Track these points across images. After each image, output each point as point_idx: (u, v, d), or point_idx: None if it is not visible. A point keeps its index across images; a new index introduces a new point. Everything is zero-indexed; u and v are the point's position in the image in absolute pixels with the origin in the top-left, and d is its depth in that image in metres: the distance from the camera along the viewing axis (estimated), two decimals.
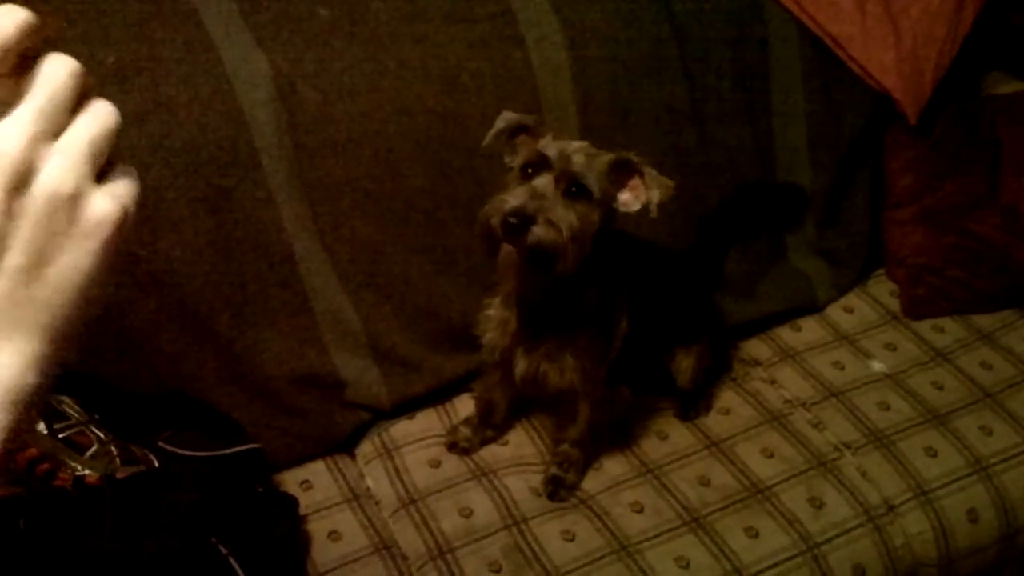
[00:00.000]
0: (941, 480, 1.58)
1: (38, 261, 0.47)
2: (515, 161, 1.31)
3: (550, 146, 1.27)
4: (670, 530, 1.48)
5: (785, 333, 1.89)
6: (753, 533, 1.48)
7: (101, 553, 1.20)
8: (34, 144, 0.45)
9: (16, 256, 0.46)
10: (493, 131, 1.34)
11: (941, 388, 1.75)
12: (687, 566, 1.43)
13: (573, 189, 1.24)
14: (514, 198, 1.21)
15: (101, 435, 1.37)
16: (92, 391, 1.41)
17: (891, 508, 1.54)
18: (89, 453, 1.34)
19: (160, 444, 1.40)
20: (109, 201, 0.48)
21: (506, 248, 1.22)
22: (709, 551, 1.45)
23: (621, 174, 1.29)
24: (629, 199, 1.30)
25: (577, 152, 1.26)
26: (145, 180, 1.24)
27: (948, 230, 1.98)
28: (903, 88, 1.93)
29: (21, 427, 0.48)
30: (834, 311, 1.94)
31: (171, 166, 1.42)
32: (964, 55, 1.97)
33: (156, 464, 1.38)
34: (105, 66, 1.40)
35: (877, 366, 1.80)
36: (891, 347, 1.84)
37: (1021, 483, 1.60)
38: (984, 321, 1.90)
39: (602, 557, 1.44)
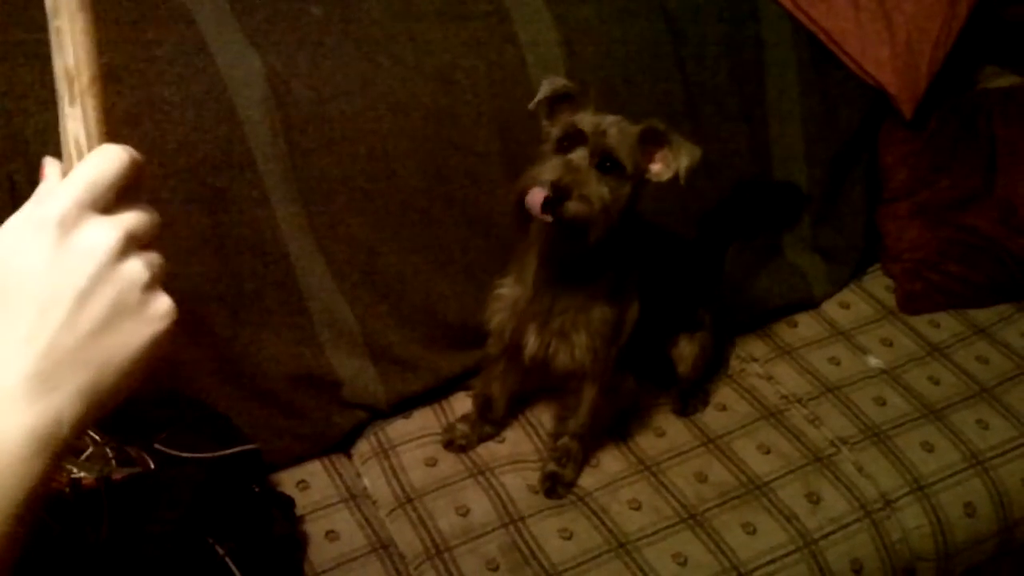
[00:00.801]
0: (938, 475, 1.58)
1: (103, 329, 0.56)
2: (552, 133, 1.33)
3: (585, 120, 1.30)
4: (668, 527, 1.48)
5: (781, 329, 1.89)
6: (751, 529, 1.48)
7: (98, 555, 1.20)
8: (129, 242, 0.58)
9: (90, 321, 0.55)
10: (537, 97, 1.35)
11: (937, 383, 1.75)
12: (685, 563, 1.43)
13: (607, 164, 1.27)
14: (550, 172, 1.24)
15: (96, 437, 1.36)
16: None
17: (888, 503, 1.55)
18: (84, 455, 1.33)
19: (156, 446, 1.40)
20: (169, 303, 0.60)
21: (541, 220, 1.25)
22: (707, 548, 1.45)
23: (650, 144, 1.31)
24: (661, 169, 1.33)
25: (612, 126, 1.28)
26: None
27: (944, 225, 1.99)
28: (898, 83, 1.93)
29: (51, 475, 0.55)
30: (830, 307, 1.94)
31: (165, 166, 1.41)
32: (959, 49, 1.97)
33: (152, 466, 1.38)
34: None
35: (873, 361, 1.80)
36: (887, 342, 1.85)
37: (1018, 477, 1.60)
38: (980, 315, 1.90)
39: (600, 555, 1.44)
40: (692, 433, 1.66)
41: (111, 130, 0.62)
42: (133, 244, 0.58)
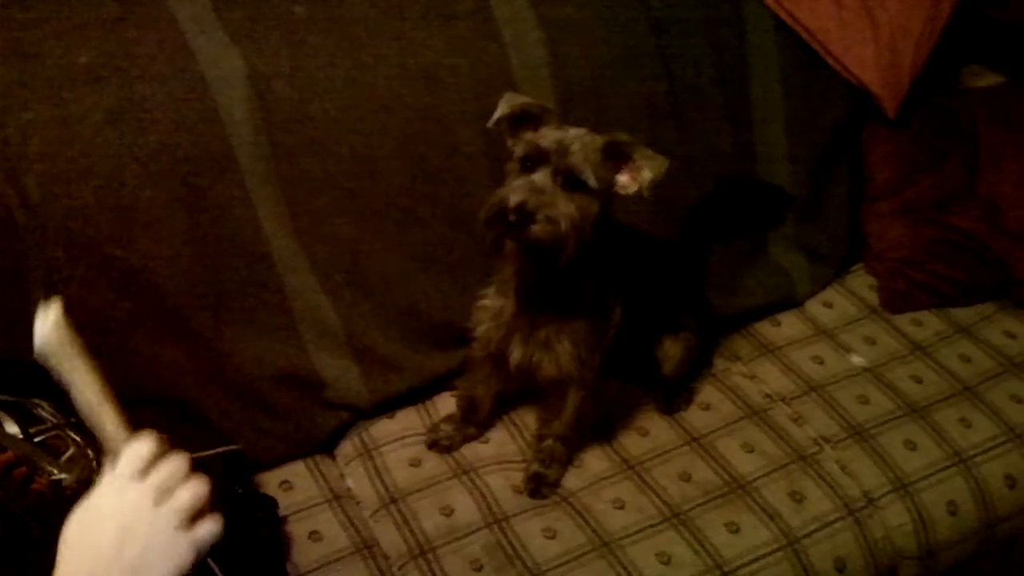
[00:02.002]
0: (921, 473, 1.59)
1: (146, 556, 0.80)
2: (515, 151, 1.31)
3: (547, 138, 1.28)
4: (651, 526, 1.49)
5: (765, 328, 1.89)
6: (734, 528, 1.48)
7: None
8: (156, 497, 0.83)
9: (137, 549, 0.80)
10: (495, 116, 1.34)
11: (920, 381, 1.76)
12: (668, 562, 1.43)
13: (572, 181, 1.25)
14: (514, 194, 1.23)
15: (78, 439, 1.35)
16: (68, 394, 1.40)
17: (871, 501, 1.55)
18: (65, 457, 1.32)
19: None
20: (191, 542, 0.83)
21: (509, 246, 1.25)
22: (690, 546, 1.46)
23: (617, 157, 1.30)
24: (627, 181, 1.32)
25: (574, 142, 1.27)
26: (120, 179, 1.24)
27: (927, 224, 1.99)
28: (881, 82, 1.93)
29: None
30: (813, 306, 1.95)
31: (146, 166, 1.40)
32: (942, 49, 1.98)
33: None
34: (79, 66, 1.38)
35: (856, 360, 1.81)
36: (870, 341, 1.85)
37: (1000, 475, 1.61)
38: (963, 314, 1.91)
39: (583, 554, 1.44)
40: (676, 432, 1.66)
41: (88, 135, 0.71)
42: (166, 492, 0.82)
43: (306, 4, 1.55)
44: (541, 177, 1.25)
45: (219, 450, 1.41)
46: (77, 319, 1.41)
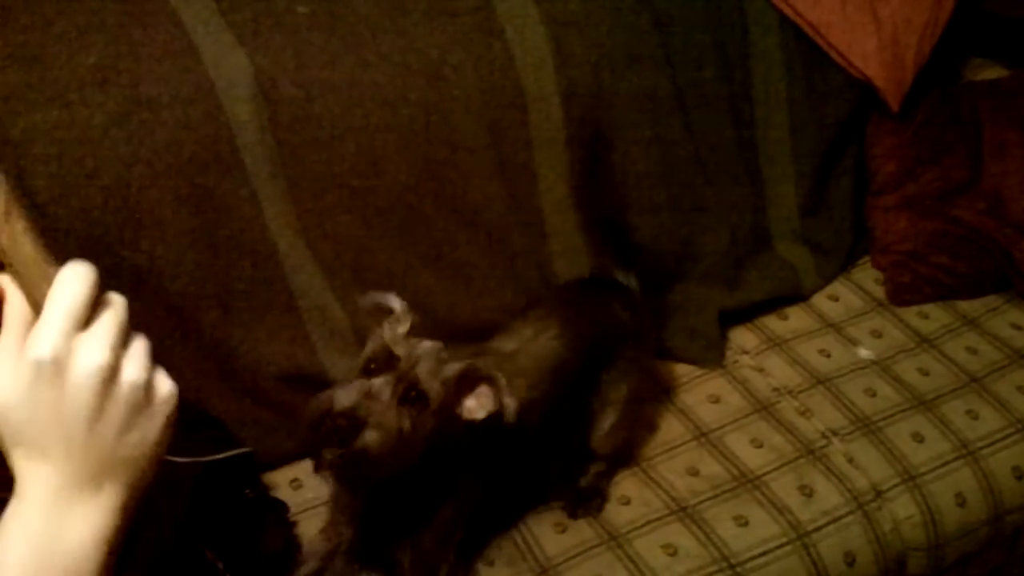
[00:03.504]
0: (928, 465, 1.59)
1: (125, 430, 0.66)
2: (365, 350, 1.22)
3: (400, 343, 1.19)
4: (658, 519, 1.49)
5: (771, 321, 1.89)
6: (743, 522, 1.49)
7: None
8: (118, 351, 0.66)
9: (111, 427, 0.65)
10: (364, 304, 1.28)
11: (927, 374, 1.76)
12: (675, 554, 1.44)
13: (412, 394, 1.15)
14: (343, 397, 1.12)
15: None
16: None
17: (879, 494, 1.55)
18: None
19: None
20: (169, 383, 0.69)
21: (326, 458, 1.12)
22: (697, 539, 1.46)
23: (468, 383, 1.21)
24: (474, 407, 1.21)
25: (425, 356, 1.18)
26: (127, 180, 1.24)
27: (932, 216, 1.99)
28: (884, 75, 1.93)
29: (111, 565, 0.66)
30: (819, 299, 1.94)
31: (152, 165, 1.41)
32: (945, 41, 1.98)
33: None
34: (84, 68, 1.39)
35: (863, 353, 1.81)
36: (877, 334, 1.85)
37: (1008, 466, 1.61)
38: (969, 306, 1.91)
39: (592, 548, 1.45)
40: (684, 427, 1.66)
41: (95, 136, 0.67)
42: (120, 350, 0.66)
43: (309, 3, 1.55)
44: (379, 384, 1.14)
45: (229, 453, 1.42)
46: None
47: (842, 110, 1.97)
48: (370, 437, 1.10)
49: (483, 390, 1.21)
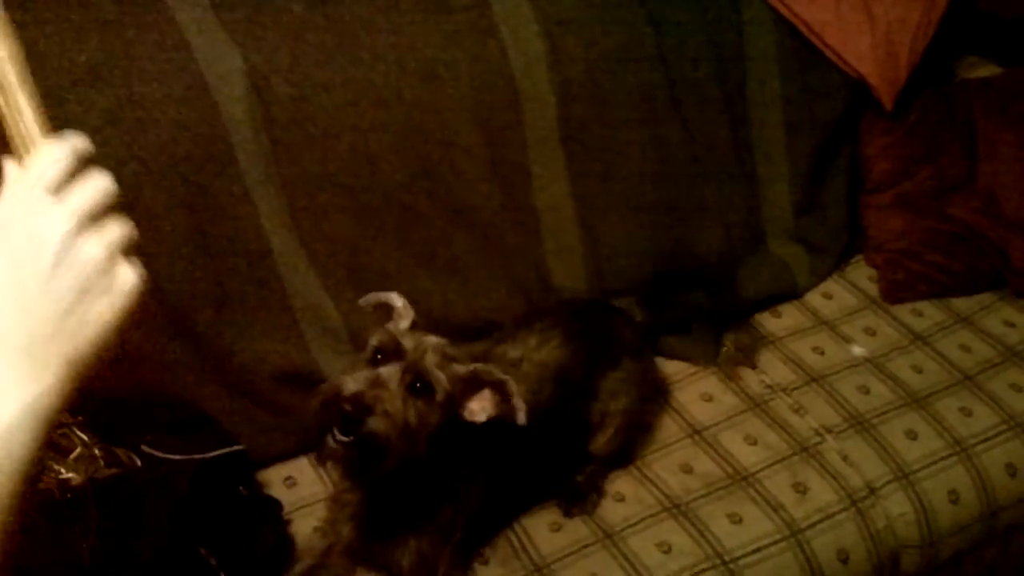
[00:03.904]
0: (922, 462, 1.59)
1: (75, 303, 0.63)
2: (371, 342, 1.22)
3: (407, 336, 1.20)
4: (651, 516, 1.49)
5: (765, 319, 1.89)
6: (737, 519, 1.49)
7: (91, 555, 1.20)
8: (84, 225, 0.64)
9: (60, 297, 0.62)
10: (367, 301, 1.29)
11: (920, 371, 1.76)
12: (669, 551, 1.44)
13: (418, 385, 1.16)
14: (351, 383, 1.13)
15: (85, 438, 1.36)
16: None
17: (873, 491, 1.56)
18: (73, 456, 1.33)
19: (143, 448, 1.39)
20: (134, 275, 0.66)
21: (331, 444, 1.13)
22: (691, 537, 1.46)
23: (473, 385, 1.22)
24: (476, 409, 1.22)
25: (433, 349, 1.19)
26: (120, 178, 1.23)
27: (926, 214, 2.00)
28: (878, 74, 1.94)
29: (44, 446, 0.62)
30: (813, 297, 1.95)
31: (146, 164, 1.41)
32: (939, 40, 1.98)
33: (139, 467, 1.38)
34: (78, 65, 1.39)
35: (857, 351, 1.81)
36: (870, 332, 1.85)
37: (1001, 463, 1.62)
38: (962, 304, 1.91)
39: (587, 546, 1.45)
40: (678, 426, 1.66)
41: (88, 134, 0.69)
42: (87, 225, 0.64)
43: (304, 2, 1.55)
44: (388, 372, 1.16)
45: (223, 451, 1.42)
46: None
47: (836, 109, 1.97)
48: (377, 423, 1.12)
49: (487, 394, 1.22)
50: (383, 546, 1.35)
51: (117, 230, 0.66)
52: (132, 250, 0.67)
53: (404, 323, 1.24)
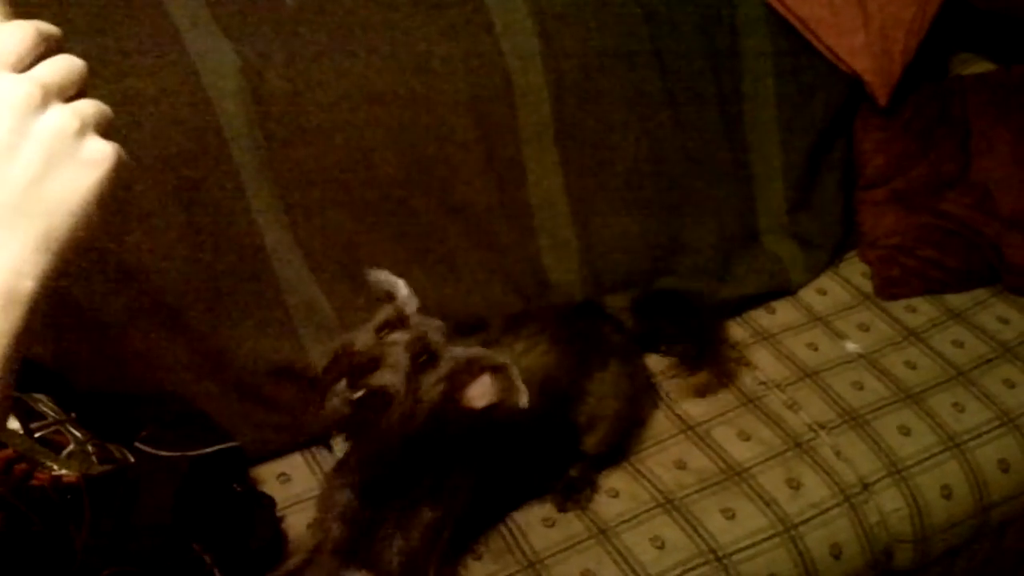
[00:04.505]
0: (915, 458, 1.60)
1: (42, 175, 0.56)
2: (378, 316, 1.24)
3: (414, 315, 1.22)
4: (645, 511, 1.49)
5: (760, 315, 1.89)
6: (730, 514, 1.49)
7: (85, 551, 1.20)
8: (49, 94, 0.56)
9: (25, 166, 0.55)
10: (374, 279, 1.29)
11: (914, 367, 1.76)
12: (662, 547, 1.44)
13: (423, 358, 1.17)
14: (363, 340, 1.16)
15: (78, 434, 1.35)
16: (68, 389, 1.40)
17: (866, 486, 1.56)
18: (66, 452, 1.32)
19: (137, 444, 1.39)
20: (108, 146, 0.58)
21: (336, 398, 1.13)
22: (684, 532, 1.46)
23: (473, 369, 1.22)
24: (475, 395, 1.22)
25: (437, 329, 1.21)
26: None
27: (920, 210, 2.00)
28: (872, 70, 1.94)
29: (22, 338, 0.55)
30: (808, 293, 1.95)
31: (139, 159, 1.40)
32: (933, 36, 1.98)
33: (133, 462, 1.37)
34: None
35: (851, 347, 1.81)
36: (864, 328, 1.86)
37: (994, 459, 1.62)
38: (956, 300, 1.91)
39: (581, 541, 1.45)
40: (671, 422, 1.66)
41: None
42: (52, 95, 0.58)
43: None
44: (396, 335, 1.17)
45: (217, 447, 1.41)
46: (72, 315, 1.42)
47: (830, 104, 1.97)
48: (385, 376, 1.13)
49: (486, 379, 1.22)
50: (372, 545, 1.35)
51: (90, 104, 0.60)
52: (107, 128, 0.61)
53: (409, 308, 1.25)
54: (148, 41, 1.43)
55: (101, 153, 0.59)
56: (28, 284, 0.56)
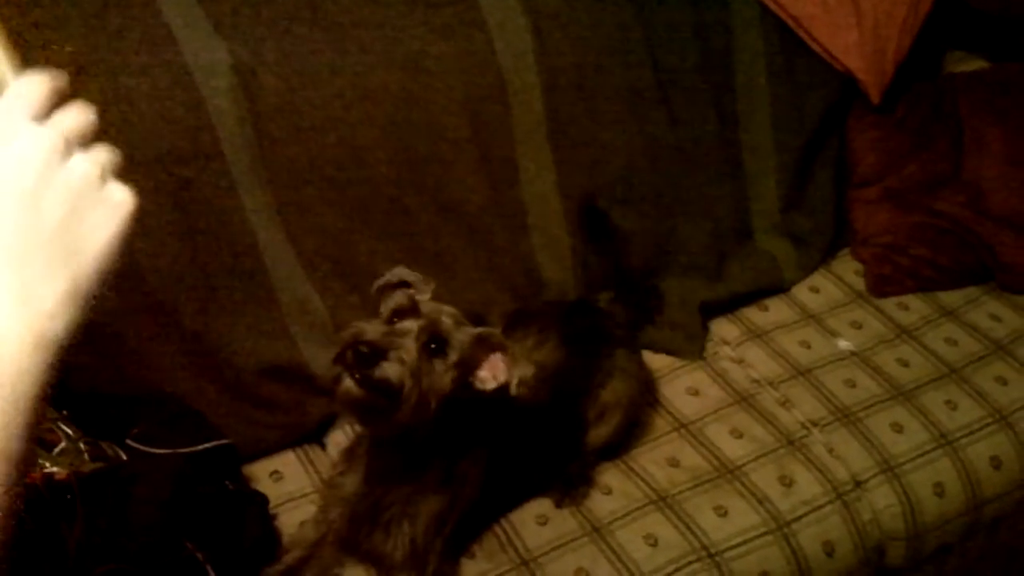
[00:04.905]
0: (908, 455, 1.60)
1: (70, 216, 0.60)
2: (388, 304, 1.24)
3: (424, 301, 1.23)
4: (637, 509, 1.50)
5: (752, 313, 1.90)
6: (722, 512, 1.49)
7: (77, 550, 1.19)
8: (71, 143, 0.62)
9: (55, 208, 0.60)
10: (382, 281, 1.29)
11: (907, 365, 1.77)
12: (656, 544, 1.44)
13: (433, 346, 1.18)
14: (372, 330, 1.16)
15: (70, 432, 1.35)
16: (60, 387, 1.40)
17: (858, 484, 1.56)
18: (58, 450, 1.32)
19: (129, 442, 1.39)
20: (127, 193, 0.64)
21: (346, 384, 1.14)
22: (677, 529, 1.46)
23: (483, 349, 1.23)
24: (486, 376, 1.23)
25: (448, 314, 1.21)
26: None
27: (912, 209, 2.00)
28: (865, 68, 1.94)
29: (50, 378, 0.59)
30: (800, 291, 1.95)
31: (131, 157, 1.38)
32: (925, 35, 1.99)
33: (125, 460, 1.37)
34: (63, 57, 1.38)
35: (843, 344, 1.81)
36: (857, 325, 1.86)
37: (986, 456, 1.62)
38: (949, 298, 1.92)
39: (574, 539, 1.45)
40: (664, 420, 1.66)
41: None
42: (73, 144, 0.62)
43: None
44: (405, 326, 1.18)
45: (209, 445, 1.41)
46: None
47: (824, 103, 1.97)
48: (391, 368, 1.13)
49: (497, 359, 1.23)
50: (374, 537, 1.35)
51: (104, 152, 0.65)
52: (120, 174, 0.65)
53: (421, 295, 1.25)
54: (140, 39, 1.43)
55: (122, 197, 0.64)
56: (58, 327, 0.59)
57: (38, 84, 0.63)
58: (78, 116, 0.64)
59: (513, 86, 1.65)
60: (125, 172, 1.41)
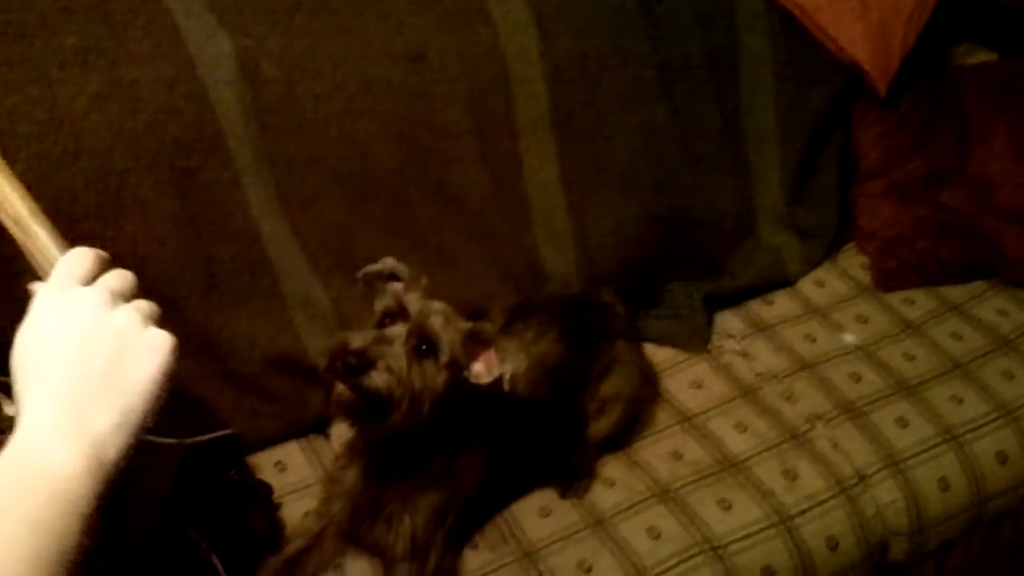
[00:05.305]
0: (912, 450, 1.60)
1: (117, 359, 0.70)
2: (377, 307, 1.25)
3: (413, 301, 1.22)
4: (640, 501, 1.49)
5: (757, 307, 1.89)
6: (726, 505, 1.49)
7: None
8: (116, 296, 0.74)
9: (103, 353, 0.70)
10: (370, 269, 1.29)
11: (912, 359, 1.76)
12: (658, 537, 1.44)
13: (423, 347, 1.18)
14: (357, 339, 1.16)
15: None
16: None
17: (862, 478, 1.56)
18: None
19: None
20: (166, 335, 0.74)
21: (339, 390, 1.15)
22: (680, 522, 1.46)
23: (476, 344, 1.23)
24: (481, 371, 1.23)
25: (437, 313, 1.21)
26: (109, 162, 1.23)
27: (918, 202, 2.00)
28: (871, 61, 1.93)
29: (104, 498, 0.66)
30: (805, 285, 1.95)
31: (134, 149, 1.40)
32: (932, 27, 1.98)
33: None
34: (65, 48, 1.37)
35: (848, 338, 1.81)
36: (862, 319, 1.86)
37: (991, 451, 1.62)
38: (954, 293, 1.91)
39: (577, 532, 1.45)
40: (667, 413, 1.66)
41: (76, 118, 0.81)
42: (118, 297, 0.73)
43: None
44: (394, 332, 1.18)
45: (214, 435, 1.41)
46: None
47: (829, 96, 1.97)
48: (378, 378, 1.14)
49: (491, 354, 1.23)
50: (376, 530, 1.35)
51: (146, 302, 0.75)
52: (161, 322, 0.75)
53: (412, 292, 1.25)
54: (143, 30, 1.42)
55: (162, 339, 0.73)
56: (111, 453, 0.67)
57: (86, 256, 0.75)
58: (120, 276, 0.76)
59: (516, 79, 1.65)
60: (128, 162, 1.42)
